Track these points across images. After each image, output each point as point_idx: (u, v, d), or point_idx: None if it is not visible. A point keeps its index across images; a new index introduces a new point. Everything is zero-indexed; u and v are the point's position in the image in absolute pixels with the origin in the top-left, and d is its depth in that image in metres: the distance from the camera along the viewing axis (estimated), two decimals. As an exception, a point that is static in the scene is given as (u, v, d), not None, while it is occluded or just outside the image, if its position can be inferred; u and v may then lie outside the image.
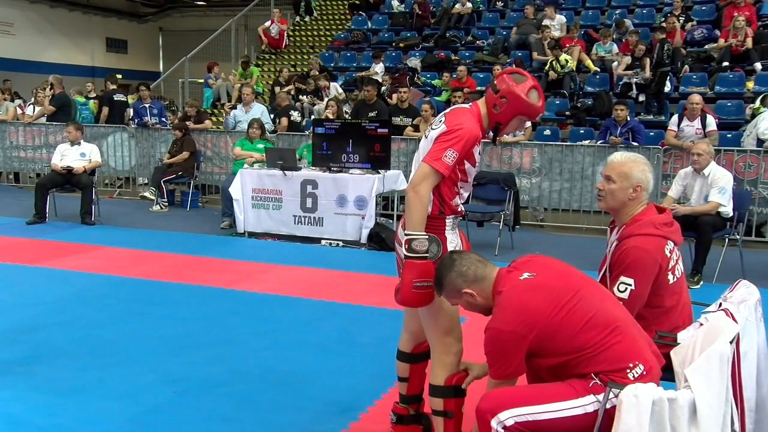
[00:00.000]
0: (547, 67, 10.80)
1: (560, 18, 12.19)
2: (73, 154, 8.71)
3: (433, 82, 11.93)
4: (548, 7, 12.28)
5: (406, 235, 2.66)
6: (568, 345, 2.29)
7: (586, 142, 8.84)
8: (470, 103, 2.88)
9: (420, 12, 13.78)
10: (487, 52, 12.28)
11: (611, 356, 2.27)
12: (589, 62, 11.12)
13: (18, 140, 11.40)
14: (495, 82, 2.82)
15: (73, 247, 7.20)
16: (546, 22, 11.94)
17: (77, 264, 6.47)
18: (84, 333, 4.60)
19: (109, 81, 12.14)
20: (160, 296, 5.55)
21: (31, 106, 11.92)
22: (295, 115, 10.55)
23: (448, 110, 2.87)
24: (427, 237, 2.67)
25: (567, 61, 10.64)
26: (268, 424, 3.35)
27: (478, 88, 10.67)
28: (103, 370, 3.97)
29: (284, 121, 10.28)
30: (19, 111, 12.01)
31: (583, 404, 2.27)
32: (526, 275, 2.43)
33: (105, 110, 11.56)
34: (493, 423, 2.27)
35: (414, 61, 12.41)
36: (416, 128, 9.28)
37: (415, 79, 11.92)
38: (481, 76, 11.46)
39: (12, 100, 11.91)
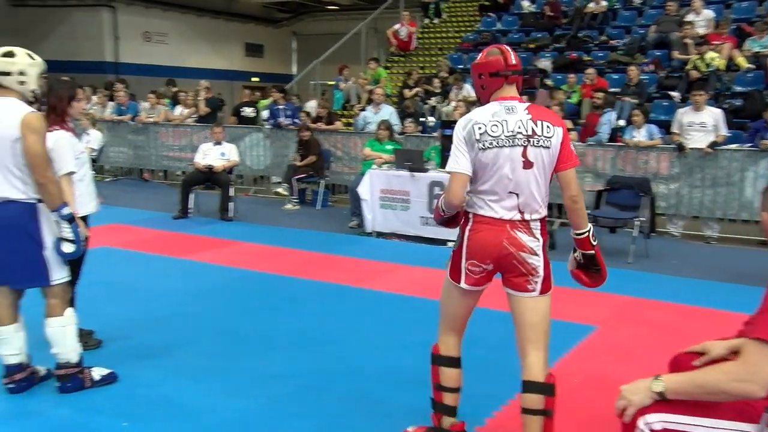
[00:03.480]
0: (688, 66, 10.19)
1: (707, 13, 11.40)
2: (214, 154, 9.24)
3: (561, 87, 11.55)
4: (695, 1, 11.49)
5: (584, 232, 2.99)
6: None
7: (733, 146, 8.25)
8: (520, 98, 2.93)
9: (551, 12, 13.44)
10: (622, 52, 11.76)
11: None
12: (740, 59, 10.30)
13: (167, 140, 12.25)
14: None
15: (211, 242, 7.62)
16: (690, 17, 11.25)
17: (214, 257, 6.84)
18: (217, 323, 4.86)
19: (245, 88, 12.86)
20: (289, 292, 5.75)
21: (178, 107, 12.76)
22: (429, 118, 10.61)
23: (533, 112, 2.85)
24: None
25: (713, 59, 9.97)
26: (386, 423, 3.38)
27: (612, 89, 10.27)
28: (231, 360, 4.18)
29: (412, 125, 10.35)
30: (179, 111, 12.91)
31: (744, 430, 2.07)
32: None
33: (204, 110, 12.24)
34: (640, 422, 2.10)
35: (544, 63, 12.11)
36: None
37: (545, 80, 11.62)
38: (615, 77, 11.00)
39: (176, 104, 12.83)
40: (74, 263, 3.80)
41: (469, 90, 11.43)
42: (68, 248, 3.48)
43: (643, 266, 6.75)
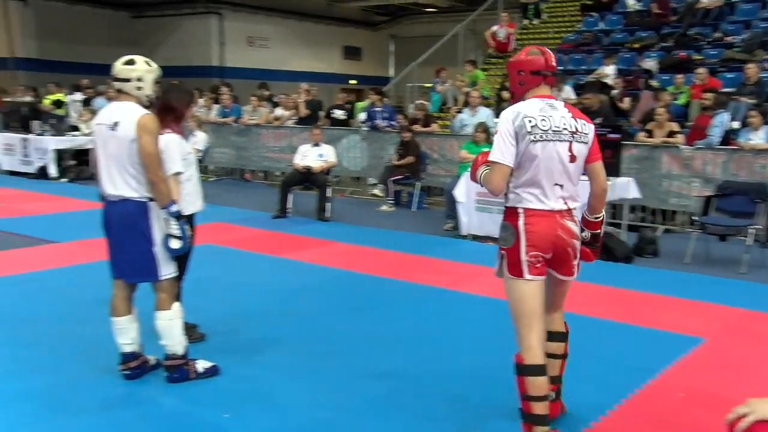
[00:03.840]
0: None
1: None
2: (313, 155, 9.45)
3: (667, 88, 11.04)
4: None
5: (600, 216, 3.24)
6: None
7: None
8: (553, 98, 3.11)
9: (659, 9, 12.88)
10: (740, 49, 11.08)
11: None
12: None
13: (268, 142, 12.63)
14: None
15: (308, 241, 7.78)
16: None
17: (311, 257, 6.99)
18: (314, 321, 4.96)
19: (342, 91, 13.08)
20: (383, 292, 5.79)
21: (278, 109, 13.13)
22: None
23: (572, 111, 3.10)
24: None
25: None
26: (478, 425, 3.35)
27: (725, 89, 9.72)
28: (327, 358, 4.24)
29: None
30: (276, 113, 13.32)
31: None
32: None
33: (304, 111, 12.47)
34: None
35: (649, 63, 11.62)
36: (650, 133, 8.69)
37: (649, 81, 11.15)
38: (730, 76, 10.41)
39: (274, 105, 13.26)
40: (181, 259, 3.98)
41: (569, 92, 11.15)
42: (175, 244, 3.65)
43: (757, 277, 6.37)
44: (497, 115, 10.67)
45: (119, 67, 3.68)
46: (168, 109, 4.07)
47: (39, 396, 3.63)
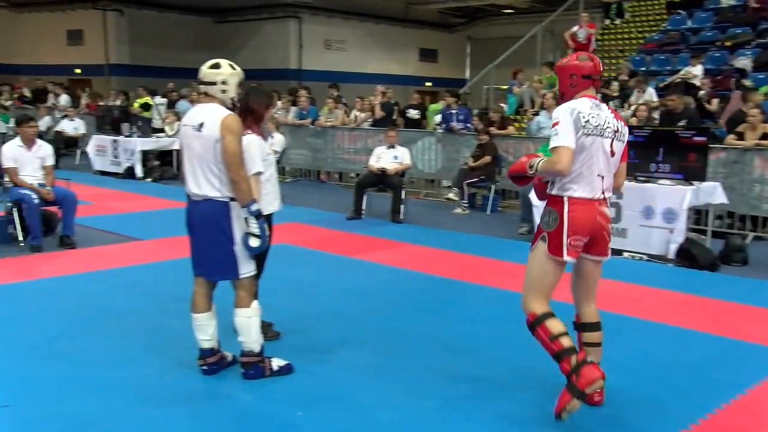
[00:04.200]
0: None
1: None
2: (388, 157, 9.49)
3: (761, 87, 10.53)
4: None
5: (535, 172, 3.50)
6: None
7: None
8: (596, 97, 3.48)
9: (756, 4, 12.23)
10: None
11: None
12: None
13: (344, 143, 12.78)
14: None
15: (382, 243, 7.82)
16: None
17: (385, 258, 7.01)
18: (388, 322, 4.97)
19: (417, 93, 13.10)
20: (456, 295, 5.75)
21: (354, 111, 13.28)
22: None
23: (614, 113, 3.49)
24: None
25: None
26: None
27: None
28: (402, 359, 4.24)
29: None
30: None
31: None
32: None
33: (379, 113, 12.55)
34: None
35: (743, 61, 11.10)
36: (740, 136, 8.30)
37: (742, 81, 10.66)
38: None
39: (348, 108, 13.45)
40: (259, 258, 4.06)
41: (651, 94, 10.82)
42: (255, 243, 3.73)
43: None
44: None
45: (205, 70, 3.80)
46: (248, 111, 4.17)
47: (127, 386, 3.79)
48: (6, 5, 27.02)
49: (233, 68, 3.83)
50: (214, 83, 3.76)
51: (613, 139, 3.41)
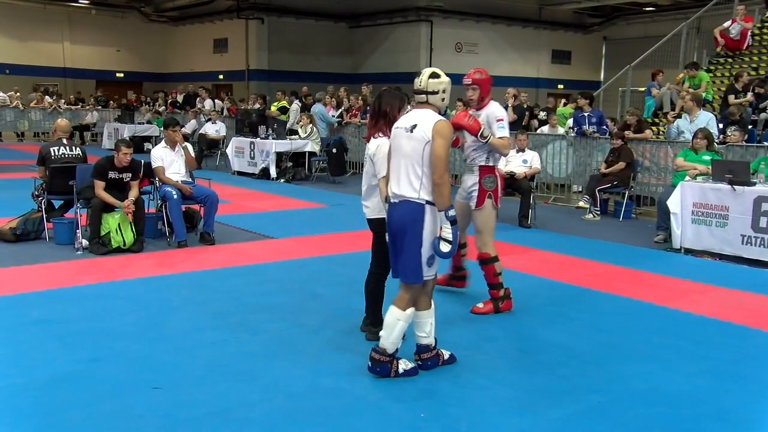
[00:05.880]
0: None
1: None
2: (517, 161, 9.35)
3: None
4: None
5: None
6: None
7: None
8: None
9: None
10: None
11: None
12: None
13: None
14: None
15: (510, 248, 7.68)
16: None
17: (513, 264, 6.88)
18: (513, 330, 4.91)
19: (550, 96, 12.80)
20: (586, 303, 5.58)
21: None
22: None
23: None
24: None
25: None
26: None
27: None
28: (526, 371, 4.16)
29: (737, 134, 9.31)
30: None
31: None
32: None
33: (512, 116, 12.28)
34: None
35: None
36: None
37: None
38: None
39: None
40: (385, 258, 4.11)
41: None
42: (445, 248, 3.76)
43: None
44: (722, 120, 9.83)
45: (427, 80, 3.94)
46: (380, 114, 4.24)
47: (262, 378, 3.97)
48: (165, 20, 29.34)
49: (446, 76, 3.96)
50: (435, 92, 3.91)
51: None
